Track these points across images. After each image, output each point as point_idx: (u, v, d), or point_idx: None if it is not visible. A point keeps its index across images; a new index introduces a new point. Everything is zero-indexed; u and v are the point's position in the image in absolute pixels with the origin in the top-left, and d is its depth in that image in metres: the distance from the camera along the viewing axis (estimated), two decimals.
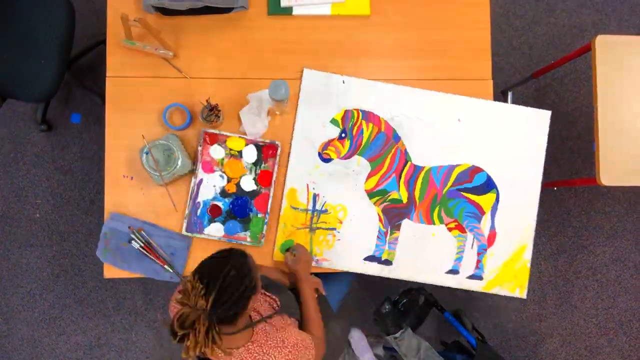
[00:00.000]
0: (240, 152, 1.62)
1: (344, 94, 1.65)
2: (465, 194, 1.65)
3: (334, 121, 1.64)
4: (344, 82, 1.65)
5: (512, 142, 1.67)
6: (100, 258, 1.59)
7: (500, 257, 1.65)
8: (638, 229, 2.52)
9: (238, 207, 1.61)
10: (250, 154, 1.62)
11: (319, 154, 1.63)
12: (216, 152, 1.61)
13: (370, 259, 1.63)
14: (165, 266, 1.58)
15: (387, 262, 1.63)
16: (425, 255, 1.64)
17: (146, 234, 1.59)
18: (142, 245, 1.57)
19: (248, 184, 1.62)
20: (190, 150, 1.62)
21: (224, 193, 1.62)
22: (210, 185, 1.61)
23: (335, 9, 1.68)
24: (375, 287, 2.35)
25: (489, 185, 1.66)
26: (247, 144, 1.62)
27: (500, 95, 2.52)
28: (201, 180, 1.61)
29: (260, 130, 1.60)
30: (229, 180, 1.62)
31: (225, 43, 1.65)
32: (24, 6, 1.85)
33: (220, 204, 1.61)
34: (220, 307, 1.06)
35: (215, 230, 1.61)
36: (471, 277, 1.64)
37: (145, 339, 2.37)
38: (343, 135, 1.64)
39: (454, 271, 1.64)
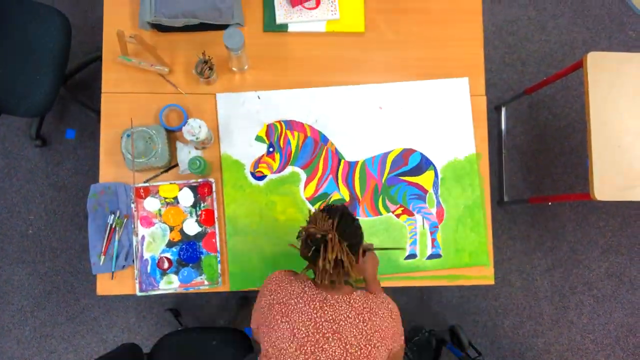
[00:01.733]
0: (175, 198, 1.59)
1: (262, 109, 1.65)
2: (404, 177, 1.66)
3: (258, 138, 1.64)
4: (259, 98, 1.65)
5: (436, 117, 1.69)
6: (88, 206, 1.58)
7: (453, 230, 1.66)
8: (633, 243, 2.53)
9: (187, 254, 1.58)
10: (186, 198, 1.59)
11: (252, 174, 1.62)
12: (151, 204, 1.58)
13: None
14: (103, 256, 1.55)
15: None
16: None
17: (124, 226, 1.57)
18: (112, 225, 1.55)
19: (191, 227, 1.59)
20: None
21: (169, 243, 1.58)
22: (153, 239, 1.58)
23: (330, 26, 1.70)
24: None
25: (425, 164, 1.67)
26: (180, 189, 1.59)
27: (493, 111, 2.54)
28: (143, 237, 1.58)
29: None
30: (171, 229, 1.58)
31: (220, 59, 1.66)
32: (20, 21, 1.86)
33: (168, 255, 1.58)
34: (343, 229, 1.17)
35: (170, 282, 1.58)
36: (430, 257, 1.65)
37: None
38: (271, 149, 1.63)
39: (412, 256, 1.64)
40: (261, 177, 1.63)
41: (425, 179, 1.67)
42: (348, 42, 1.71)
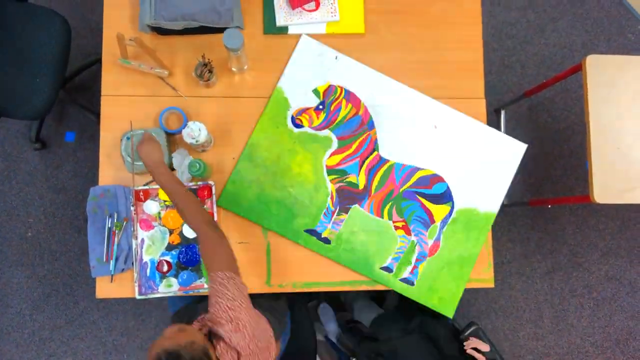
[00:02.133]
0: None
1: (334, 68, 1.66)
2: (421, 198, 1.65)
3: (315, 91, 1.65)
4: (337, 58, 1.66)
5: (480, 164, 1.67)
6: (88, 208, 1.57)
7: (437, 269, 1.64)
8: (632, 246, 2.53)
9: (186, 257, 1.57)
10: None
11: (292, 118, 1.63)
12: (150, 207, 1.57)
13: (310, 232, 1.61)
14: (107, 260, 1.55)
15: (326, 241, 1.61)
16: (365, 246, 1.63)
17: (124, 229, 1.56)
18: (112, 228, 1.55)
19: (190, 230, 1.57)
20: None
21: (169, 246, 1.57)
22: (152, 242, 1.57)
23: (330, 28, 1.70)
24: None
25: (445, 197, 1.65)
26: None
27: (493, 114, 2.54)
28: (143, 240, 1.57)
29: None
30: (170, 232, 1.57)
31: (220, 61, 1.66)
32: (20, 23, 1.86)
33: (167, 258, 1.57)
34: None
35: (170, 286, 1.56)
36: (404, 280, 1.62)
37: None
38: (320, 107, 1.64)
39: (388, 269, 1.62)
40: (299, 125, 1.64)
41: (438, 210, 1.65)
42: (348, 44, 1.71)
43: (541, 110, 2.57)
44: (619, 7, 2.64)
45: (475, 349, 1.58)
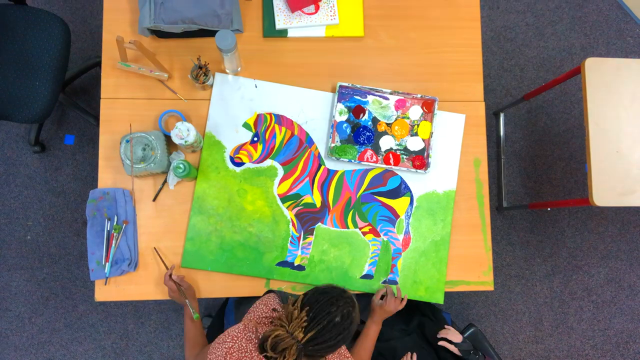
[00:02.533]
0: None
1: (257, 98, 1.65)
2: (379, 197, 1.64)
3: (246, 125, 1.63)
4: (256, 87, 1.65)
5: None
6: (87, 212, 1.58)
7: (415, 261, 1.64)
8: (632, 249, 2.53)
9: None
10: None
11: (231, 158, 1.62)
12: None
13: (282, 264, 1.60)
14: (106, 263, 1.55)
15: (300, 268, 1.60)
16: (340, 260, 1.62)
17: (123, 232, 1.56)
18: (110, 232, 1.55)
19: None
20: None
21: None
22: None
23: (329, 31, 1.70)
24: None
25: (403, 189, 1.65)
26: None
27: (492, 117, 2.54)
28: None
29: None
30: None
31: (220, 65, 1.66)
32: (19, 27, 1.86)
33: None
34: (313, 346, 1.08)
35: None
36: (385, 282, 1.62)
37: None
38: (255, 139, 1.63)
39: (368, 276, 1.62)
40: (239, 164, 1.62)
41: (399, 204, 1.65)
42: (348, 47, 1.71)
43: (540, 113, 2.57)
44: (617, 10, 2.65)
45: (446, 339, 1.56)
